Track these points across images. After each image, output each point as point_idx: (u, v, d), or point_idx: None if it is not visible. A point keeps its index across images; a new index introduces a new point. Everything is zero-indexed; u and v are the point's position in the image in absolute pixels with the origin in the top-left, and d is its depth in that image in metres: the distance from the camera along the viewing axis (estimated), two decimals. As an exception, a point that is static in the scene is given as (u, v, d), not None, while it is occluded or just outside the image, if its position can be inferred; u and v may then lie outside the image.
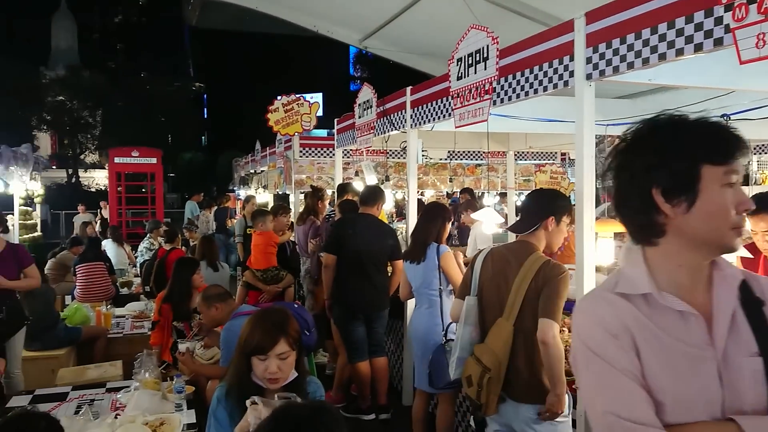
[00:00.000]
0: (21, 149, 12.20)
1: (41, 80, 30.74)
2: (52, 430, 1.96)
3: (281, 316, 2.26)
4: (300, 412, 1.48)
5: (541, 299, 2.61)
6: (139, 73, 34.93)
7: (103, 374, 4.63)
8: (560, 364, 2.59)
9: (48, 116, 30.27)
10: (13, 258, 4.74)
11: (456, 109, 3.99)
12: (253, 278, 6.03)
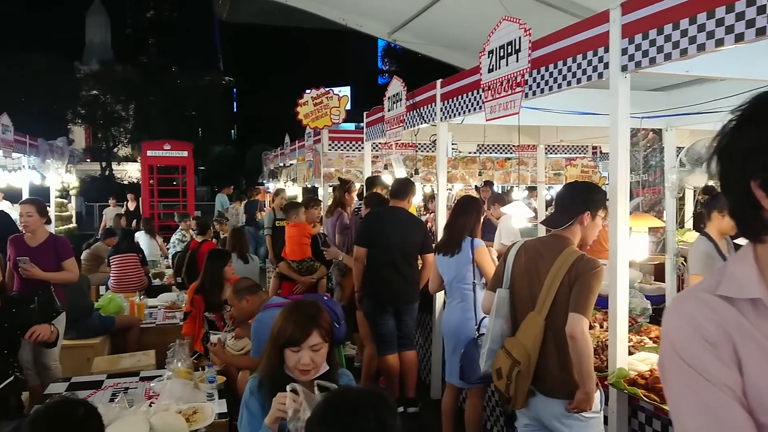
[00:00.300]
0: (57, 142, 12.49)
1: (76, 75, 31.38)
2: (90, 416, 2.00)
3: (313, 308, 2.26)
4: (355, 397, 1.48)
5: (573, 293, 2.58)
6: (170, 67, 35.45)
7: (137, 363, 4.72)
8: (588, 360, 2.56)
9: (82, 110, 30.91)
10: (52, 249, 4.77)
11: (487, 102, 3.96)
12: (288, 269, 6.09)
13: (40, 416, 1.96)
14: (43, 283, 4.70)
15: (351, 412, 1.44)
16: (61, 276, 4.80)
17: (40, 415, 1.97)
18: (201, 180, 33.07)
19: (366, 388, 1.48)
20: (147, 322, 6.02)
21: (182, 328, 5.03)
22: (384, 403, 1.47)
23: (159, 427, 2.76)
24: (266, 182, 15.98)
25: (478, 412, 3.87)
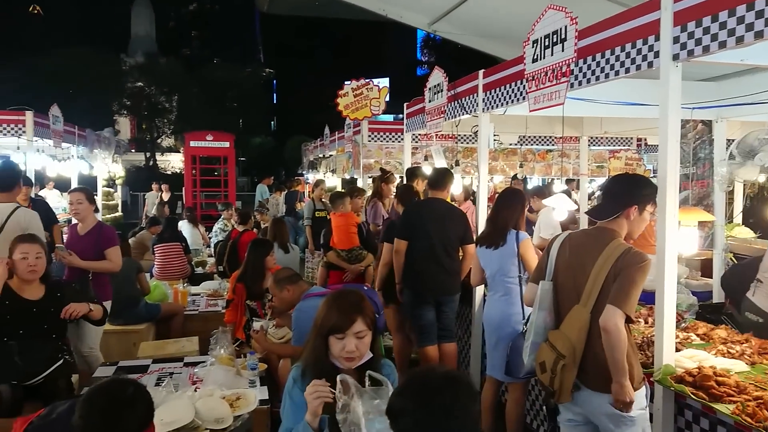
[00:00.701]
0: (104, 133, 12.82)
1: (122, 67, 32.11)
2: (139, 395, 2.06)
3: (357, 296, 2.28)
4: (438, 376, 1.51)
5: (614, 285, 2.53)
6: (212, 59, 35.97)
7: (181, 349, 4.82)
8: (621, 354, 2.49)
9: (127, 101, 31.63)
10: (96, 237, 4.76)
11: (531, 93, 3.90)
12: (338, 258, 6.14)
13: (93, 394, 2.03)
14: (81, 272, 4.65)
15: (431, 389, 1.47)
16: (100, 265, 4.72)
17: (94, 393, 2.03)
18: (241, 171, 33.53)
19: (451, 370, 1.51)
20: (190, 310, 6.15)
21: (224, 316, 5.12)
22: (464, 387, 1.50)
23: (204, 412, 2.82)
24: (305, 173, 16.13)
25: (521, 407, 3.84)
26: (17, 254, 3.66)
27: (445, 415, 1.44)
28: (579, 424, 2.76)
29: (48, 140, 8.44)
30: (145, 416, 2.06)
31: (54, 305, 3.70)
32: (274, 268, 4.83)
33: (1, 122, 7.67)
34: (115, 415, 1.97)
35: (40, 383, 3.50)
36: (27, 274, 3.64)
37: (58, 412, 2.13)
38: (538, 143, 9.01)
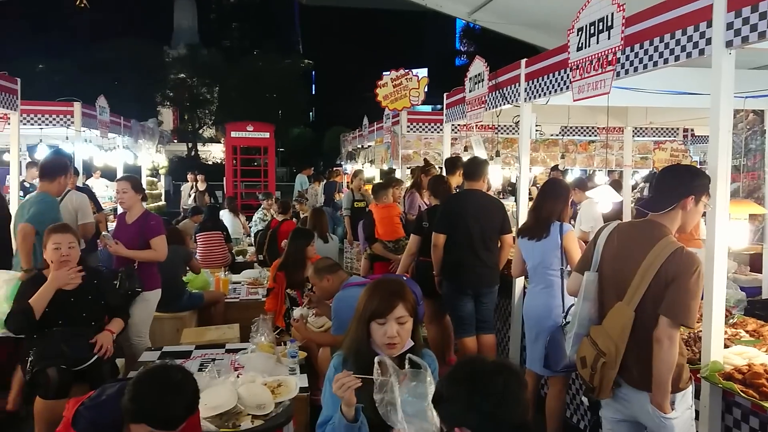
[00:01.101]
0: (148, 123, 13.13)
1: (165, 59, 32.71)
2: (187, 381, 2.12)
3: (398, 283, 2.31)
4: (488, 363, 1.52)
5: (669, 293, 2.42)
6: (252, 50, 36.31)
7: (222, 336, 4.90)
8: (667, 369, 2.42)
9: (170, 92, 32.23)
10: (141, 227, 4.73)
11: (575, 82, 3.83)
12: (384, 250, 6.14)
13: (142, 378, 2.09)
14: (126, 261, 4.64)
15: (482, 374, 1.48)
16: (144, 254, 4.68)
17: (143, 377, 2.09)
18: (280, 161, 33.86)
19: (501, 359, 1.53)
20: (231, 297, 6.25)
21: (265, 304, 5.19)
22: (514, 375, 1.51)
23: (246, 398, 2.86)
24: (344, 164, 16.19)
25: (561, 401, 3.80)
26: (50, 245, 3.69)
27: (497, 402, 1.44)
28: (621, 420, 2.71)
29: (95, 130, 8.67)
30: (192, 402, 2.11)
31: (91, 293, 3.78)
32: (314, 258, 4.87)
33: (51, 113, 7.91)
34: (163, 400, 2.03)
35: (86, 368, 3.60)
36: (60, 265, 3.67)
37: (107, 394, 2.20)
38: (580, 134, 8.84)
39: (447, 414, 1.52)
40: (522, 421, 1.46)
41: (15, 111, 6.08)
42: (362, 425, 2.12)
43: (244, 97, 30.70)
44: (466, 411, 1.46)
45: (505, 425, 1.44)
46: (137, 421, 2.03)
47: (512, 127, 7.82)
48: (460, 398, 1.47)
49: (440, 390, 1.54)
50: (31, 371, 3.48)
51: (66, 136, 8.16)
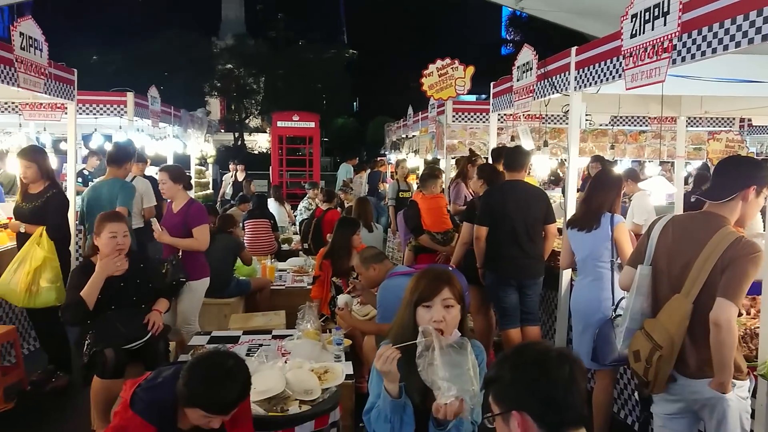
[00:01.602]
0: (197, 113, 13.39)
1: (213, 49, 33.25)
2: (239, 367, 2.18)
3: (445, 270, 2.33)
4: (552, 349, 1.49)
5: (724, 277, 2.38)
6: (298, 40, 36.57)
7: (268, 322, 5.00)
8: (730, 351, 2.37)
9: (218, 83, 32.75)
10: (185, 215, 4.75)
11: (628, 70, 3.73)
12: (431, 241, 6.01)
13: (196, 364, 2.15)
14: (171, 249, 4.72)
15: (550, 360, 1.45)
16: (185, 242, 4.70)
17: (197, 363, 2.16)
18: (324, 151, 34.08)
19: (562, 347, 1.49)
20: (277, 285, 6.35)
21: (311, 291, 5.26)
22: (578, 364, 1.48)
23: (294, 383, 2.91)
24: (388, 153, 16.19)
25: (609, 395, 3.73)
26: (106, 233, 3.75)
27: (564, 389, 1.41)
28: (676, 416, 2.65)
29: (146, 120, 8.89)
30: (244, 388, 2.17)
31: (139, 277, 3.88)
32: (359, 247, 4.90)
33: (106, 103, 8.15)
34: (217, 386, 2.08)
35: (141, 347, 3.72)
36: (115, 253, 3.75)
37: (163, 377, 2.27)
38: (630, 124, 8.62)
39: (505, 396, 1.48)
40: (581, 412, 1.44)
41: (72, 101, 6.29)
42: (406, 404, 2.15)
43: (289, 87, 30.99)
44: (529, 395, 1.43)
45: (567, 414, 1.41)
46: (191, 406, 2.10)
47: (560, 117, 7.68)
48: (523, 381, 1.44)
49: (500, 371, 1.49)
50: (89, 352, 3.62)
51: (119, 126, 8.40)
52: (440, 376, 1.99)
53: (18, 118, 7.67)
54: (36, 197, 4.60)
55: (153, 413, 2.18)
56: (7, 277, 4.36)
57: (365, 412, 2.29)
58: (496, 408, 1.51)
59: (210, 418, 2.11)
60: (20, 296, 4.32)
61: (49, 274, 4.38)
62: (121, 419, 2.19)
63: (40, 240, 4.40)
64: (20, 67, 4.94)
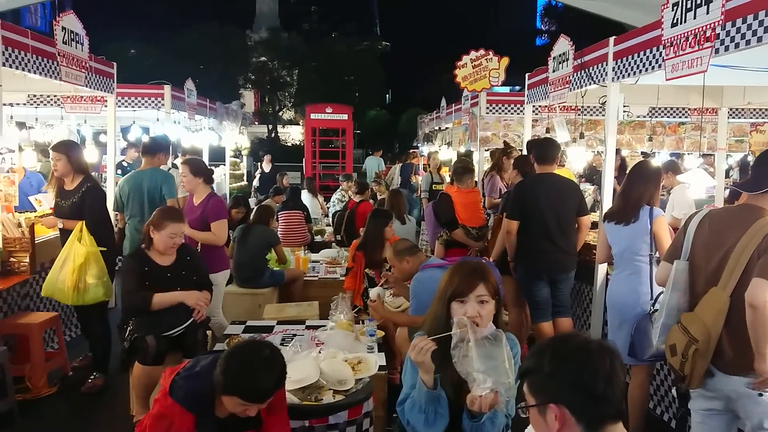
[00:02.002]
0: (232, 106, 13.54)
1: (247, 42, 33.52)
2: (275, 356, 2.21)
3: (480, 264, 2.31)
4: (593, 341, 1.46)
5: (761, 260, 2.32)
6: (331, 33, 36.63)
7: (302, 313, 5.03)
8: (766, 330, 2.31)
9: (252, 75, 33.03)
10: (203, 209, 4.75)
11: (668, 60, 3.64)
12: (465, 236, 5.82)
13: (234, 353, 2.20)
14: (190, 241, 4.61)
15: (591, 352, 1.42)
16: (203, 236, 4.71)
17: (234, 352, 2.20)
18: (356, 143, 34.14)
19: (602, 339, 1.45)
20: (310, 276, 6.40)
21: (344, 283, 5.28)
22: (619, 357, 1.45)
23: (328, 373, 2.94)
24: (420, 146, 16.16)
25: (645, 391, 3.67)
26: (167, 232, 3.80)
27: (605, 382, 1.38)
28: (714, 413, 2.60)
29: (183, 112, 9.03)
30: (280, 377, 2.20)
31: (184, 268, 3.96)
32: (392, 239, 4.90)
33: (144, 95, 8.30)
34: (253, 375, 2.12)
35: (180, 334, 3.80)
36: (169, 250, 3.86)
37: (201, 366, 2.32)
38: (669, 115, 8.43)
39: (543, 388, 1.45)
40: (620, 407, 1.41)
41: (111, 94, 6.43)
42: (441, 396, 2.16)
43: (322, 80, 31.10)
44: (568, 388, 1.40)
45: (606, 408, 1.39)
46: (229, 394, 2.14)
47: (596, 109, 7.56)
48: (563, 374, 1.41)
49: (538, 363, 1.46)
50: (130, 338, 3.71)
51: (157, 118, 8.56)
52: (475, 368, 1.99)
53: (60, 111, 7.86)
54: (72, 193, 4.57)
55: (192, 401, 2.22)
56: (53, 276, 4.36)
57: (399, 403, 2.31)
58: (532, 399, 1.48)
59: (246, 406, 2.15)
60: (69, 294, 4.31)
61: (94, 270, 4.36)
62: (161, 407, 2.24)
63: (81, 236, 4.36)
64: (62, 61, 5.07)
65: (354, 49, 33.71)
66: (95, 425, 4.13)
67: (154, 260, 3.86)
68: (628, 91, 5.52)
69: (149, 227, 3.85)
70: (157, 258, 3.87)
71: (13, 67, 4.46)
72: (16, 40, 4.47)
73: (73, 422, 4.15)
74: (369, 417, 3.00)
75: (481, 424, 2.16)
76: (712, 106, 7.00)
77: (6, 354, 4.06)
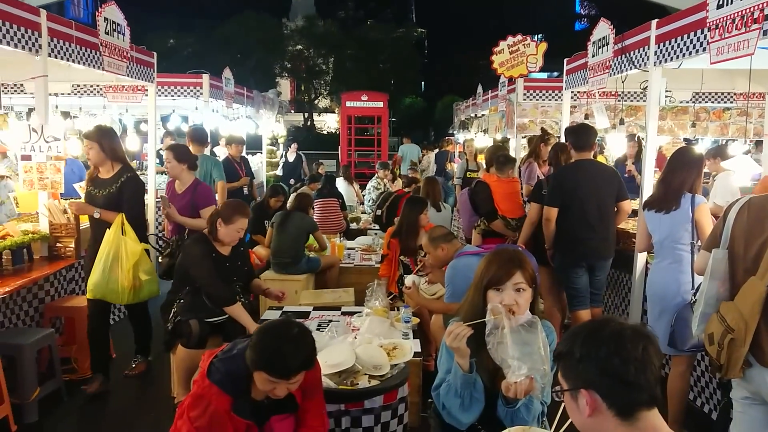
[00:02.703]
0: (269, 94, 13.63)
1: (283, 31, 33.72)
2: (303, 335, 2.27)
3: (517, 252, 2.30)
4: (627, 326, 1.43)
5: None
6: (366, 20, 36.57)
7: (338, 299, 5.09)
8: None
9: (288, 64, 33.23)
10: (191, 195, 4.80)
11: (713, 43, 3.54)
12: (505, 227, 5.71)
13: (264, 330, 2.27)
14: (179, 228, 4.77)
15: (623, 337, 1.40)
16: (194, 222, 4.72)
17: (264, 329, 2.27)
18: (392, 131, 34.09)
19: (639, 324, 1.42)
20: (345, 263, 6.44)
21: (379, 270, 5.31)
22: (654, 343, 1.42)
23: (364, 358, 2.97)
24: (456, 133, 16.06)
25: (685, 381, 3.60)
26: (237, 226, 3.87)
27: (637, 368, 1.36)
28: (755, 402, 2.54)
29: (221, 101, 9.15)
30: (308, 355, 2.24)
31: (239, 259, 4.08)
32: (427, 226, 4.90)
33: (183, 85, 8.44)
34: (280, 350, 2.17)
35: (223, 321, 3.88)
36: (232, 242, 3.96)
37: (238, 348, 2.37)
38: (714, 100, 8.17)
39: (574, 373, 1.43)
40: (655, 395, 1.38)
41: (152, 83, 6.55)
42: (477, 380, 2.16)
43: (358, 68, 31.12)
44: (599, 373, 1.38)
45: (638, 394, 1.36)
46: (257, 369, 2.19)
47: (637, 94, 7.38)
48: (593, 359, 1.39)
49: (570, 347, 1.44)
50: (173, 321, 3.81)
51: (195, 107, 8.68)
52: (510, 355, 1.99)
53: (102, 101, 8.04)
54: (109, 183, 4.34)
55: (228, 383, 2.27)
56: (101, 277, 4.17)
57: (434, 388, 2.32)
58: (564, 384, 1.47)
59: (275, 383, 2.19)
60: (124, 294, 4.21)
61: (145, 266, 4.30)
62: (199, 388, 2.29)
63: (126, 230, 4.22)
64: (105, 51, 5.19)
65: (390, 37, 33.60)
66: (138, 405, 4.26)
67: (217, 248, 3.96)
68: (671, 76, 5.39)
69: (218, 219, 3.89)
70: (219, 247, 3.96)
71: (58, 57, 4.58)
72: (61, 31, 4.59)
73: (117, 401, 4.28)
74: (404, 402, 3.02)
75: (516, 410, 2.16)
76: (759, 90, 6.75)
77: (54, 336, 4.20)
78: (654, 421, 1.36)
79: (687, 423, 3.69)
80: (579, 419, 1.45)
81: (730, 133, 8.57)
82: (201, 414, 2.24)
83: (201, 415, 2.24)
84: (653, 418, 1.37)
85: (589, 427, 1.43)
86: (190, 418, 2.26)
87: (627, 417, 1.36)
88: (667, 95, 6.67)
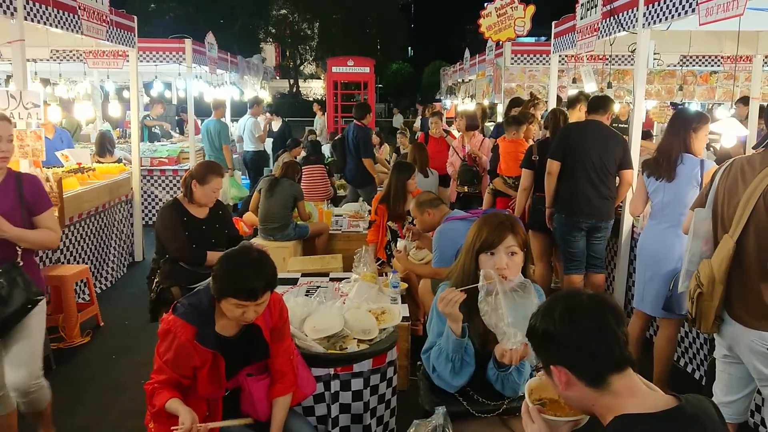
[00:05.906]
0: (253, 60, 13.41)
1: (267, -5, 33.09)
2: (262, 255, 2.35)
3: (509, 216, 2.29)
4: (585, 298, 1.45)
5: None
6: (352, -17, 35.98)
7: (326, 265, 5.08)
8: None
9: (272, 29, 32.69)
10: (15, 194, 2.86)
11: (702, 3, 3.50)
12: (504, 185, 5.94)
13: (224, 258, 2.33)
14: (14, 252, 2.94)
15: (577, 309, 1.42)
16: (38, 236, 2.90)
17: (224, 257, 2.34)
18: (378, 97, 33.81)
19: (597, 293, 1.43)
20: (333, 229, 6.42)
21: (367, 236, 5.30)
22: (612, 308, 1.43)
23: (352, 322, 2.98)
24: (443, 99, 15.97)
25: (671, 344, 3.65)
26: (211, 187, 3.85)
27: (594, 338, 1.38)
28: (734, 361, 2.60)
29: (204, 67, 8.99)
30: (271, 274, 2.29)
31: (217, 222, 4.01)
32: (415, 192, 4.88)
33: (165, 50, 8.26)
34: (243, 272, 2.22)
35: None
36: (209, 202, 3.92)
37: (201, 289, 2.45)
38: (701, 64, 8.16)
39: (542, 351, 1.47)
40: (621, 358, 1.39)
41: (133, 48, 6.40)
42: (468, 344, 2.18)
43: (344, 33, 30.69)
44: (561, 349, 1.41)
45: (603, 362, 1.38)
46: (224, 296, 2.22)
47: (624, 58, 7.35)
48: (554, 335, 1.41)
49: (533, 325, 1.47)
50: (156, 289, 3.80)
51: (178, 73, 8.53)
52: (504, 321, 1.99)
53: (83, 67, 7.88)
54: None
55: (192, 313, 2.32)
56: None
57: (424, 351, 2.33)
58: (539, 363, 1.51)
59: (243, 306, 2.22)
60: None
61: None
62: (165, 323, 2.36)
63: None
64: (83, 15, 5.05)
65: (376, 1, 33.07)
66: (126, 371, 4.26)
67: (191, 212, 3.91)
68: (659, 39, 5.35)
69: (192, 180, 3.87)
70: (194, 210, 3.92)
71: (34, 21, 4.45)
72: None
73: (106, 368, 4.29)
74: (393, 366, 3.05)
75: (508, 373, 2.18)
76: (746, 53, 6.75)
77: (41, 304, 4.17)
78: (626, 382, 1.38)
79: (675, 385, 3.67)
80: (558, 391, 1.48)
81: (716, 96, 8.60)
82: (168, 348, 2.29)
83: (168, 348, 2.29)
84: (625, 378, 1.38)
85: (569, 397, 1.47)
86: (159, 354, 2.32)
87: (599, 384, 1.38)
88: (656, 58, 6.63)
